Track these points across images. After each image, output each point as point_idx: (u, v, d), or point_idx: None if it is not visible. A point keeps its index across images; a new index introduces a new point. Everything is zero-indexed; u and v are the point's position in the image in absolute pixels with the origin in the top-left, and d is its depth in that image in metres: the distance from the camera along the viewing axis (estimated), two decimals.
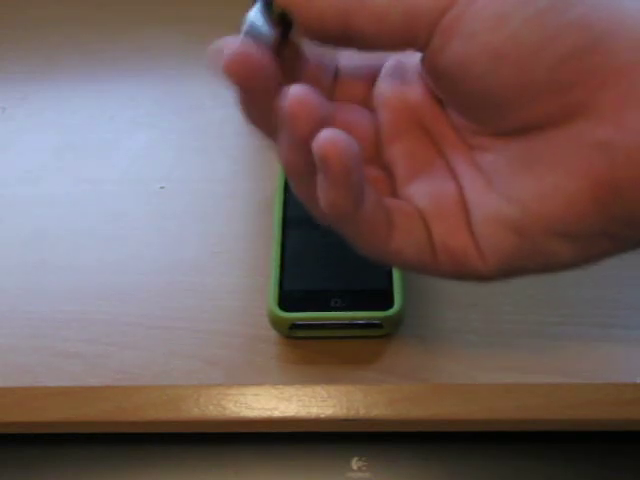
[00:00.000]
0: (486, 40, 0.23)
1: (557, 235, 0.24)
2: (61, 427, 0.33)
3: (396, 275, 0.35)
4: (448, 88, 0.25)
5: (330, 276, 0.35)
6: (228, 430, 0.33)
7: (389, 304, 0.33)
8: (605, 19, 0.22)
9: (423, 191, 0.26)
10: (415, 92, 0.27)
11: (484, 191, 0.25)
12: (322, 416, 0.32)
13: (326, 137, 0.23)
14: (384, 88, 0.28)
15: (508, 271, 0.26)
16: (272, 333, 0.34)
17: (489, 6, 0.23)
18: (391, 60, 0.28)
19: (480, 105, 0.24)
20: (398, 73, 0.28)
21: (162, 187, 0.42)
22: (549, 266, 0.25)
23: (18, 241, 0.40)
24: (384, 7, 0.24)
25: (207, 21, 0.52)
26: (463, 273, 0.26)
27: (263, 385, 0.33)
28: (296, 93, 0.23)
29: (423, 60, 0.25)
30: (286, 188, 0.39)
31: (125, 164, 0.44)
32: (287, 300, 0.34)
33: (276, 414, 0.32)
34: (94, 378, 0.33)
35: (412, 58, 0.27)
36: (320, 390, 0.32)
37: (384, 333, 0.34)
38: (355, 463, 0.33)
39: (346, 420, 0.32)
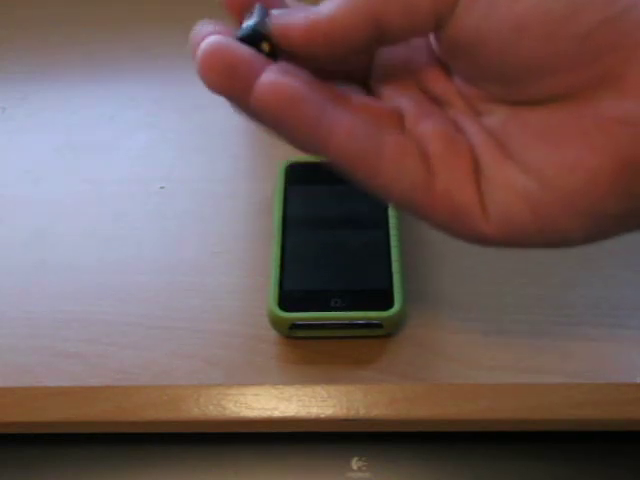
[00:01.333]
0: (507, 10, 0.22)
1: (574, 212, 0.23)
2: (61, 427, 0.33)
3: (396, 275, 0.35)
4: (465, 61, 0.25)
5: (330, 276, 0.35)
6: (228, 430, 0.33)
7: (389, 304, 0.33)
8: None
9: (431, 131, 0.25)
10: (419, 59, 0.27)
11: (498, 156, 0.24)
12: (322, 416, 0.32)
13: (259, 84, 0.23)
14: (387, 57, 0.27)
15: (512, 240, 0.25)
16: (272, 333, 0.34)
17: None
18: None
19: (498, 77, 0.24)
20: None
21: (162, 187, 0.42)
22: (557, 242, 0.25)
23: (18, 241, 0.40)
24: None
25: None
26: (460, 228, 0.25)
27: (263, 385, 0.33)
28: (204, 45, 0.23)
29: (439, 34, 0.24)
30: (286, 188, 0.39)
31: (125, 164, 0.44)
32: (287, 300, 0.34)
33: (276, 414, 0.32)
34: (94, 378, 0.33)
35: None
36: (320, 390, 0.32)
37: (384, 333, 0.34)
38: (355, 463, 0.33)
39: (346, 420, 0.32)
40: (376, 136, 0.24)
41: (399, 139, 0.25)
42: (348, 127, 0.24)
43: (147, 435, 0.33)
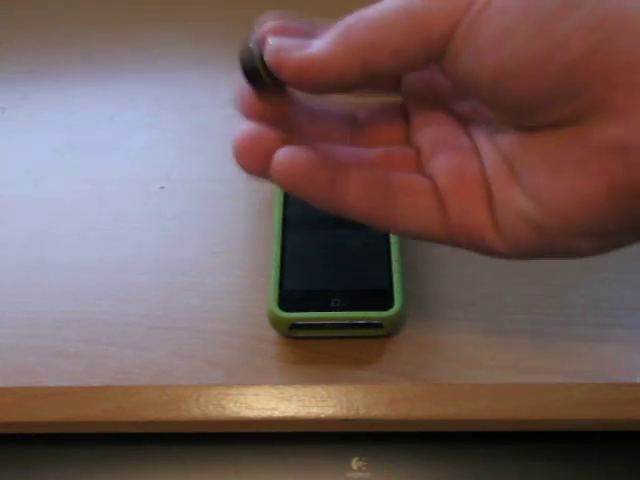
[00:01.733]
0: (490, 59, 0.23)
1: (576, 233, 0.24)
2: (61, 427, 0.33)
3: (396, 275, 0.35)
4: (464, 93, 0.26)
5: (330, 276, 0.35)
6: (228, 430, 0.33)
7: (389, 304, 0.33)
8: (611, 18, 0.22)
9: (445, 165, 0.26)
10: (442, 78, 0.27)
11: (506, 179, 0.25)
12: (322, 416, 0.32)
13: (275, 163, 0.24)
14: (413, 77, 0.28)
15: (526, 255, 0.26)
16: (272, 333, 0.34)
17: (492, 20, 0.22)
18: None
19: (496, 108, 0.25)
20: None
21: (162, 187, 0.42)
22: (569, 255, 0.26)
23: (18, 241, 0.40)
24: (400, 43, 0.24)
25: (207, 21, 0.52)
26: (480, 250, 0.26)
27: (263, 385, 0.33)
28: (239, 135, 0.26)
29: (440, 67, 0.25)
30: None
31: (125, 164, 0.44)
32: (287, 300, 0.34)
33: (276, 414, 0.32)
34: (94, 378, 0.33)
35: None
36: (320, 390, 0.32)
37: (384, 333, 0.34)
38: (355, 463, 0.33)
39: (346, 420, 0.32)
40: (388, 186, 0.26)
41: (410, 182, 0.26)
42: (360, 185, 0.25)
43: (147, 435, 0.33)
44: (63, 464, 0.33)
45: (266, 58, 0.25)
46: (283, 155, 0.24)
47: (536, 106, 0.23)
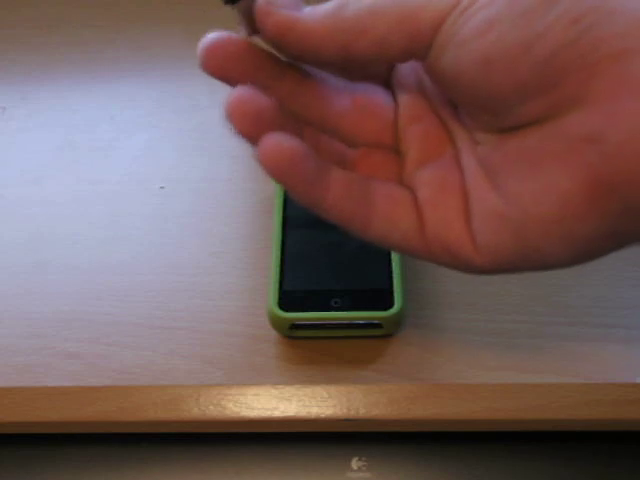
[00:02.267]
0: (475, 47, 0.23)
1: (554, 237, 0.24)
2: (61, 427, 0.33)
3: (396, 275, 0.35)
4: (447, 92, 0.26)
5: (330, 276, 0.35)
6: (228, 430, 0.33)
7: (389, 304, 0.33)
8: (592, 9, 0.22)
9: (427, 180, 0.26)
10: (430, 84, 0.27)
11: (485, 187, 0.25)
12: (322, 416, 0.32)
13: (261, 146, 0.24)
14: (404, 72, 0.28)
15: (502, 267, 0.25)
16: (272, 333, 0.34)
17: (478, 13, 0.23)
18: None
19: (476, 106, 0.25)
20: (412, 65, 0.28)
21: (162, 187, 0.42)
22: (546, 265, 0.25)
23: (18, 241, 0.40)
24: (385, 33, 0.24)
25: (207, 21, 0.52)
26: (456, 263, 0.26)
27: (263, 385, 0.33)
28: (234, 94, 0.24)
29: (423, 66, 0.25)
30: None
31: (125, 164, 0.44)
32: (287, 300, 0.34)
33: (276, 414, 0.32)
34: (94, 378, 0.33)
35: None
36: (320, 390, 0.32)
37: (384, 333, 0.34)
38: (355, 463, 0.33)
39: (346, 420, 0.32)
40: (368, 192, 0.26)
41: (390, 191, 0.26)
42: (341, 186, 0.25)
43: (147, 435, 0.33)
44: (63, 464, 0.33)
45: (257, 6, 0.25)
46: (272, 139, 0.24)
47: (516, 99, 0.23)
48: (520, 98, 0.23)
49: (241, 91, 0.24)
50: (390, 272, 0.35)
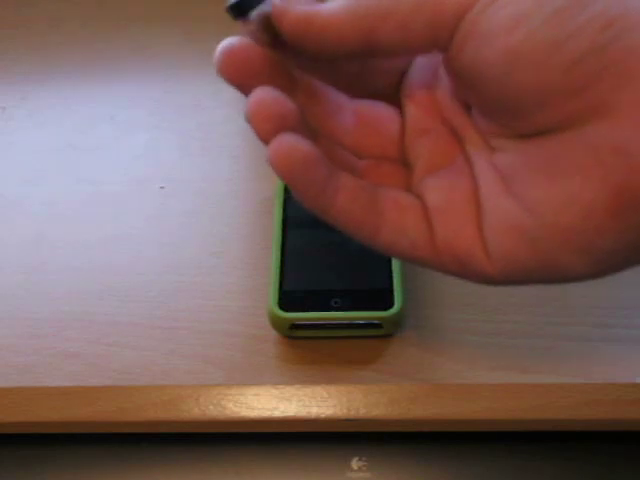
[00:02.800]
0: (502, 42, 0.22)
1: (573, 249, 0.23)
2: (61, 427, 0.33)
3: (396, 275, 0.35)
4: (467, 89, 0.25)
5: (330, 276, 0.35)
6: (228, 430, 0.33)
7: (389, 304, 0.33)
8: (624, 15, 0.21)
9: (436, 186, 0.26)
10: (443, 90, 0.27)
11: (501, 195, 0.24)
12: (322, 416, 0.32)
13: (273, 147, 0.23)
14: (414, 82, 0.27)
15: (515, 278, 0.25)
16: (272, 333, 0.34)
17: (507, 6, 0.22)
18: (422, 56, 0.28)
19: (497, 107, 0.24)
20: (428, 69, 0.27)
21: (162, 187, 0.42)
22: (563, 278, 0.24)
23: (18, 241, 0.40)
24: (408, 16, 0.23)
25: (207, 20, 0.52)
26: (467, 273, 0.25)
27: (263, 385, 0.33)
28: (255, 95, 0.23)
29: (444, 60, 0.25)
30: (286, 188, 0.39)
31: (125, 164, 0.44)
32: (287, 300, 0.34)
33: (276, 414, 0.32)
34: (94, 378, 0.33)
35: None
36: (320, 390, 0.32)
37: (384, 333, 0.34)
38: (355, 463, 0.33)
39: (346, 420, 0.32)
40: (376, 200, 0.25)
41: (399, 199, 0.26)
42: (350, 193, 0.25)
43: (147, 435, 0.33)
44: (63, 464, 0.33)
45: (272, 6, 0.24)
46: (284, 140, 0.24)
47: (539, 101, 0.22)
48: (543, 101, 0.22)
49: (263, 93, 0.24)
50: (390, 272, 0.35)
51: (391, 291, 0.34)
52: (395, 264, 0.35)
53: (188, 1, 0.54)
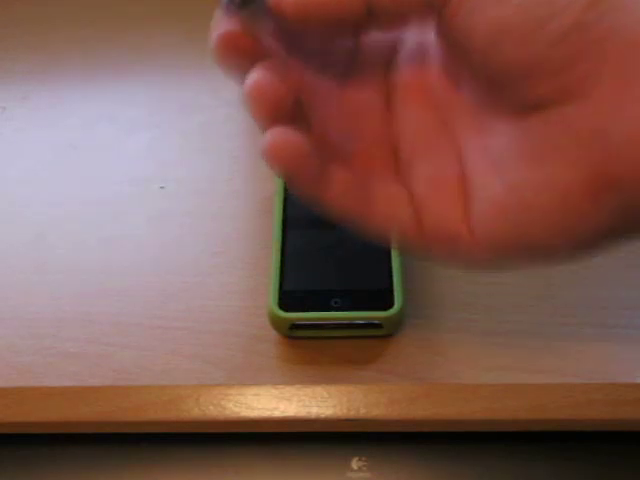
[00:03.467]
0: (492, 13, 0.22)
1: (555, 230, 0.23)
2: (61, 427, 0.33)
3: (396, 275, 0.35)
4: (457, 57, 0.25)
5: (330, 276, 0.35)
6: (228, 430, 0.33)
7: (389, 304, 0.33)
8: None
9: (423, 169, 0.26)
10: (433, 72, 0.27)
11: (487, 175, 0.25)
12: (322, 416, 0.32)
13: (267, 140, 0.24)
14: (402, 66, 0.28)
15: (502, 259, 0.25)
16: (272, 333, 0.34)
17: None
18: (410, 39, 0.28)
19: (485, 76, 0.24)
20: (418, 51, 0.27)
21: (162, 187, 0.42)
22: (544, 259, 0.25)
23: (18, 241, 0.40)
24: None
25: (207, 20, 0.52)
26: (455, 256, 0.26)
27: (263, 385, 0.33)
28: (253, 77, 0.24)
29: (437, 26, 0.25)
30: (286, 188, 0.39)
31: (125, 164, 0.44)
32: (287, 300, 0.34)
33: (276, 414, 0.32)
34: (94, 378, 0.33)
35: (431, 36, 0.27)
36: (320, 390, 0.32)
37: (384, 333, 0.34)
38: (355, 463, 0.33)
39: (346, 420, 0.32)
40: (367, 191, 0.26)
41: (388, 189, 0.26)
42: (342, 184, 0.25)
43: (147, 435, 0.33)
44: (63, 464, 0.33)
45: None
46: (277, 133, 0.24)
47: (525, 74, 0.23)
48: (527, 74, 0.23)
49: (260, 75, 0.24)
50: (390, 272, 0.35)
51: (391, 291, 0.34)
52: (395, 264, 0.35)
53: (188, 1, 0.54)
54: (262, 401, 0.32)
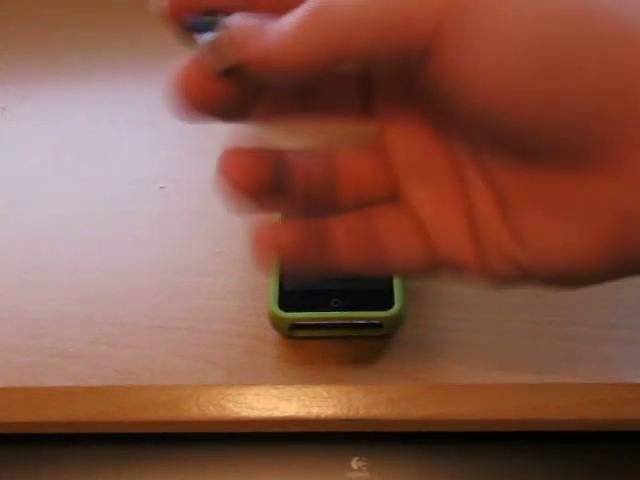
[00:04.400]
0: (486, 73, 0.20)
1: (563, 282, 0.24)
2: (61, 427, 0.33)
3: (396, 275, 0.35)
4: (442, 108, 0.23)
5: (330, 276, 0.35)
6: (228, 430, 0.33)
7: (389, 304, 0.33)
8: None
9: (423, 196, 0.25)
10: (416, 123, 0.25)
11: (494, 211, 0.23)
12: (322, 416, 0.32)
13: (257, 244, 0.24)
14: (382, 110, 0.25)
15: (509, 286, 0.25)
16: (272, 333, 0.34)
17: (490, 16, 0.20)
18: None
19: (484, 131, 0.22)
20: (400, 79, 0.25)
21: (162, 187, 0.42)
22: (550, 289, 0.25)
23: (18, 241, 0.40)
24: (376, 37, 0.20)
25: None
26: (464, 280, 0.25)
27: (263, 385, 0.33)
28: (229, 157, 0.24)
29: (421, 76, 0.22)
30: None
31: (125, 164, 0.44)
32: (287, 300, 0.34)
33: (276, 414, 0.32)
34: (94, 378, 0.33)
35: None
36: (320, 390, 0.32)
37: (384, 333, 0.34)
38: (355, 463, 0.33)
39: (346, 420, 0.32)
40: (373, 232, 0.25)
41: (394, 223, 0.25)
42: (346, 239, 0.25)
43: (147, 435, 0.33)
44: (63, 464, 0.33)
45: (227, 45, 0.22)
46: (269, 235, 0.24)
47: (533, 129, 0.20)
48: (538, 131, 0.20)
49: (235, 157, 0.24)
50: None
51: (391, 291, 0.34)
52: None
53: None
54: (262, 401, 0.32)
